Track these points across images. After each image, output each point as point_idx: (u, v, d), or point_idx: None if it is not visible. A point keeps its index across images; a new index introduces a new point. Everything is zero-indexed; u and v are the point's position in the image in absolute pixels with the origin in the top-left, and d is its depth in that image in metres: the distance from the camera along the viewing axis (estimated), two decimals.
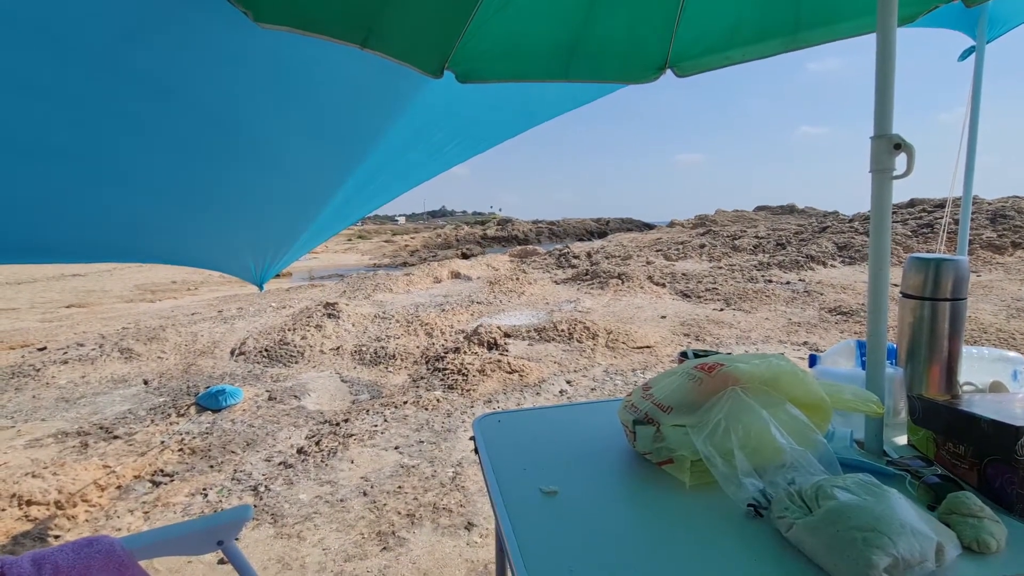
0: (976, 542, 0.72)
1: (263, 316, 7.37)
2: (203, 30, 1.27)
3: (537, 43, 1.70)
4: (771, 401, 0.91)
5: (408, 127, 2.01)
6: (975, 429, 0.87)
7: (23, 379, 4.75)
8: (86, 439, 3.41)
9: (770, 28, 1.76)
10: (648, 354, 5.06)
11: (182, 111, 1.45)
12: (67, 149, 1.40)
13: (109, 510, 2.56)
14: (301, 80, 1.60)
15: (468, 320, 6.78)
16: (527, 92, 2.13)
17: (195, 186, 1.78)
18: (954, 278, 1.13)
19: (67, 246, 1.79)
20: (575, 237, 33.63)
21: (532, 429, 1.21)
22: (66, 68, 1.15)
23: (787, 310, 6.88)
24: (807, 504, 0.76)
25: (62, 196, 1.57)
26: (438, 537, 2.28)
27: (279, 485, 2.76)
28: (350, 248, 29.99)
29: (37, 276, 14.19)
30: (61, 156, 1.42)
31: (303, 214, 2.21)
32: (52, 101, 1.24)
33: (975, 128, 2.02)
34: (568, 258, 13.14)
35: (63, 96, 1.25)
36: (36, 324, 7.64)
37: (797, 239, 12.54)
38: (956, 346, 1.15)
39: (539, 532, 0.81)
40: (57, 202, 1.58)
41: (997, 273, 8.36)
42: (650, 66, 1.83)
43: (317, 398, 4.23)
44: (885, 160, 0.92)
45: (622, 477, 0.98)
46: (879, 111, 0.93)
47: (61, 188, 1.53)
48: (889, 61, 0.94)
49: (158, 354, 5.53)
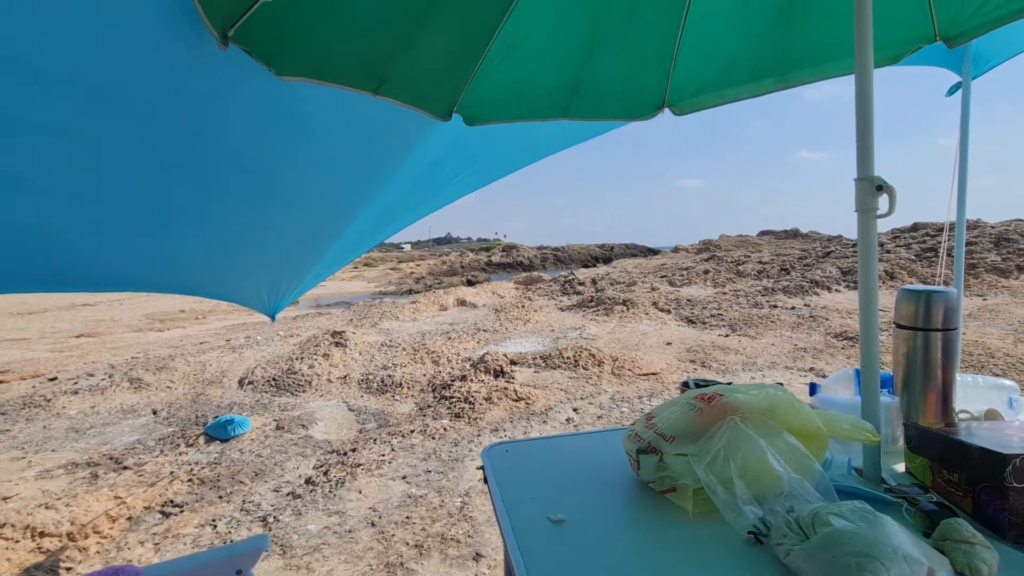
0: (968, 568, 0.75)
1: (271, 345, 7.43)
2: (228, 80, 1.36)
3: (540, 86, 1.80)
4: (769, 430, 0.95)
5: (417, 164, 2.10)
6: (967, 457, 0.90)
7: (34, 409, 4.80)
8: (96, 470, 3.44)
9: (762, 68, 1.85)
10: (654, 381, 5.06)
11: (205, 152, 1.54)
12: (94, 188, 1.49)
13: (120, 541, 2.57)
14: (315, 121, 1.69)
15: (474, 348, 6.81)
16: (531, 129, 2.22)
17: (214, 222, 1.86)
18: (944, 309, 1.17)
19: (91, 276, 1.87)
20: (580, 263, 33.77)
21: (539, 458, 1.24)
22: (104, 118, 1.24)
23: (793, 335, 6.87)
24: (804, 531, 0.79)
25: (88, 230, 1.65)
26: (447, 568, 2.28)
27: (288, 516, 2.76)
28: (356, 276, 30.23)
29: (47, 306, 14.38)
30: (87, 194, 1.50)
31: (315, 247, 2.29)
32: (86, 144, 1.34)
33: (965, 159, 2.08)
34: (573, 285, 13.20)
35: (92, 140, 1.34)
36: (47, 354, 7.73)
37: (801, 264, 12.57)
38: (950, 375, 1.19)
39: (547, 559, 0.84)
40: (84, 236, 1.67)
41: (1003, 296, 8.34)
42: (647, 105, 1.92)
43: (324, 427, 4.24)
44: (869, 201, 0.98)
45: (627, 505, 1.01)
46: (861, 153, 0.99)
47: (87, 223, 1.61)
48: (868, 102, 1.00)
49: (167, 384, 5.58)
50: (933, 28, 1.68)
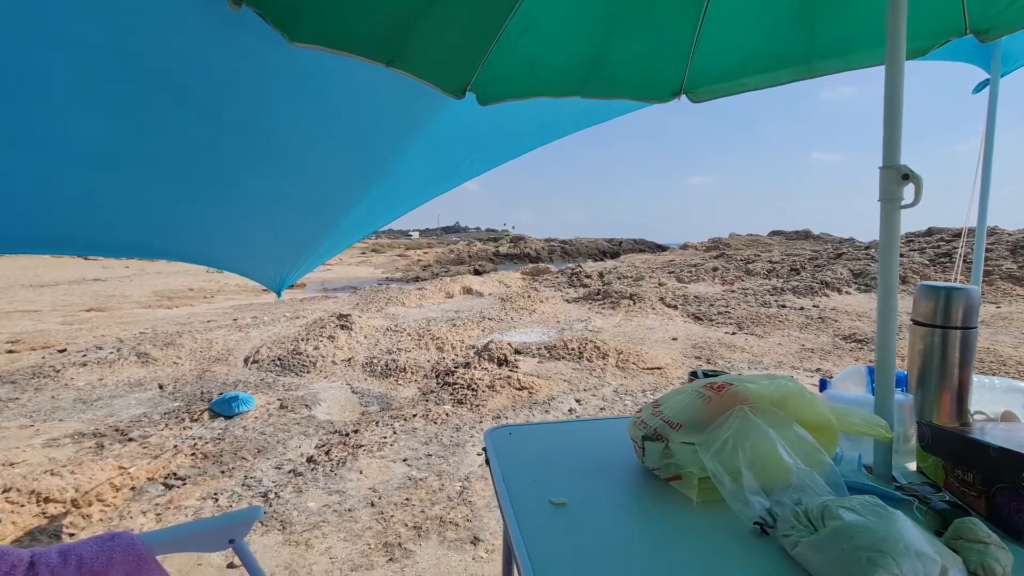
0: (982, 567, 0.73)
1: (277, 325, 7.47)
2: (240, 46, 1.34)
3: (557, 65, 1.76)
4: (779, 421, 0.93)
5: (427, 142, 2.07)
6: (984, 456, 0.88)
7: (43, 379, 4.86)
8: (102, 440, 3.47)
9: (784, 57, 1.80)
10: (659, 375, 5.03)
11: (210, 116, 1.52)
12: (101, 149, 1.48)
13: (123, 510, 2.60)
14: (327, 93, 1.66)
15: (479, 336, 6.81)
16: (543, 109, 2.19)
17: (220, 189, 1.84)
18: (964, 306, 1.14)
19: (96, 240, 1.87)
20: (587, 256, 33.66)
21: (542, 442, 1.23)
22: (118, 82, 1.22)
23: (800, 336, 6.81)
24: (812, 523, 0.77)
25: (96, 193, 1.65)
26: (444, 551, 2.28)
27: (288, 492, 2.78)
28: (363, 261, 30.32)
29: (59, 280, 14.54)
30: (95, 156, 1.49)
31: (323, 224, 2.27)
32: (87, 101, 1.32)
33: (990, 160, 2.03)
34: (580, 277, 13.15)
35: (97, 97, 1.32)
36: (57, 326, 7.82)
37: (812, 265, 12.45)
38: (966, 374, 1.16)
39: (548, 541, 0.83)
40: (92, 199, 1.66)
41: (1018, 305, 8.21)
42: (665, 90, 1.88)
43: (328, 408, 4.26)
44: (894, 190, 0.94)
45: (630, 491, 0.99)
46: (888, 141, 0.96)
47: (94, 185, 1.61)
48: (897, 92, 0.97)
49: (174, 359, 5.62)
50: (964, 21, 1.63)
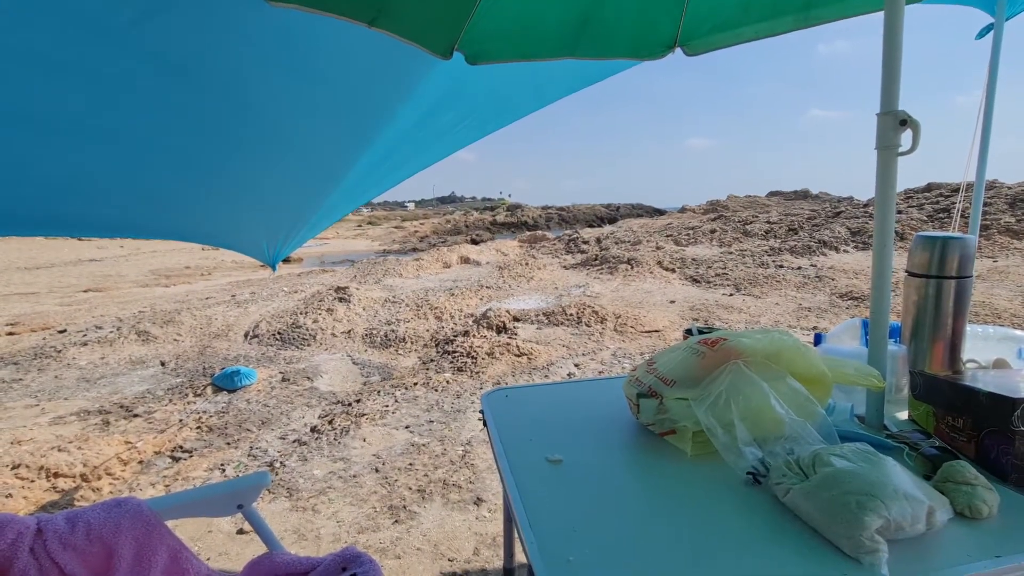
0: (969, 508, 0.74)
1: (275, 300, 7.47)
2: (215, 9, 1.29)
3: (547, 22, 1.70)
4: (772, 374, 0.93)
5: (418, 108, 2.02)
6: (974, 402, 0.89)
7: (45, 360, 4.89)
8: (107, 417, 3.52)
9: (781, 5, 1.74)
10: (657, 338, 5.07)
11: (195, 89, 1.47)
12: (86, 126, 1.44)
13: (132, 483, 2.65)
14: (311, 59, 1.61)
15: (477, 304, 6.82)
16: (536, 72, 2.12)
17: (208, 164, 1.80)
18: (960, 256, 1.13)
19: (86, 220, 1.83)
20: (585, 223, 33.45)
21: (538, 403, 1.24)
22: (85, 46, 1.18)
23: (798, 295, 6.84)
24: (804, 471, 0.79)
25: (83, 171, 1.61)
26: (448, 511, 2.34)
27: (294, 461, 2.83)
28: (360, 234, 30.12)
29: (55, 261, 14.46)
30: (81, 132, 1.45)
31: (314, 194, 2.24)
32: (71, 78, 1.27)
33: (991, 109, 1.98)
34: (577, 243, 13.10)
35: (82, 72, 1.27)
36: (55, 308, 7.81)
37: (810, 224, 12.39)
38: (960, 324, 1.16)
39: (544, 497, 0.84)
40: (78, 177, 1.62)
41: (1014, 259, 8.22)
42: (659, 44, 1.82)
43: (329, 379, 4.30)
44: (891, 136, 0.92)
45: (625, 447, 1.01)
46: (886, 87, 0.93)
47: (81, 163, 1.57)
48: (896, 36, 0.94)
49: (174, 336, 5.64)
50: None
